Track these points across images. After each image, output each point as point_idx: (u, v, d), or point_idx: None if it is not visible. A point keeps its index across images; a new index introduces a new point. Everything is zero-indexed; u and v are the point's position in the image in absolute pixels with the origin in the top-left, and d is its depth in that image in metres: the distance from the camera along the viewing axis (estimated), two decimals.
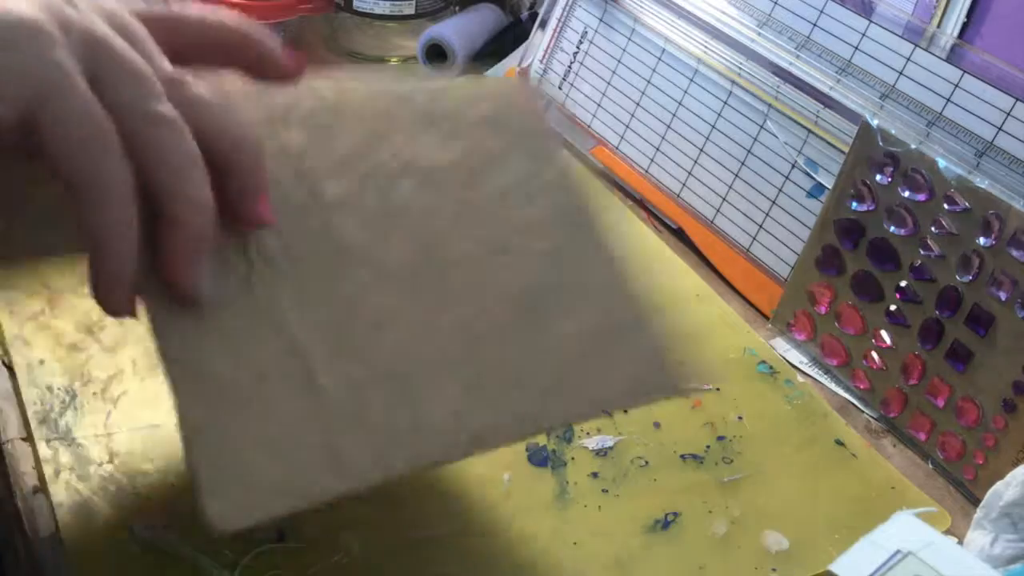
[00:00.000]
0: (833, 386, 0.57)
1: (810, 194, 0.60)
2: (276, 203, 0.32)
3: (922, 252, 0.52)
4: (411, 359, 0.32)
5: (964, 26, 0.56)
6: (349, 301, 0.33)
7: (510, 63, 0.81)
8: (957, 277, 0.50)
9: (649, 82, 0.70)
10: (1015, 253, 0.48)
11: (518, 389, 0.33)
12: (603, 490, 0.47)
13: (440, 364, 0.33)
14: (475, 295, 0.34)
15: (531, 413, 0.33)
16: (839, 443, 0.52)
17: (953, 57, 0.54)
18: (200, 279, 0.30)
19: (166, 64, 0.30)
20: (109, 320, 0.52)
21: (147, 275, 0.30)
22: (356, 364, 0.32)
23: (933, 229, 0.51)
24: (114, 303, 0.30)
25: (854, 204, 0.55)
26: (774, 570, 0.44)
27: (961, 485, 0.51)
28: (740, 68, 0.63)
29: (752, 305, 0.62)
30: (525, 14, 0.83)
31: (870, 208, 0.54)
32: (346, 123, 0.35)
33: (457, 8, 0.85)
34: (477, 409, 0.32)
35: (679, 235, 0.67)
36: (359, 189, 0.34)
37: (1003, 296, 0.48)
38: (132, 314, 0.31)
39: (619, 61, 0.72)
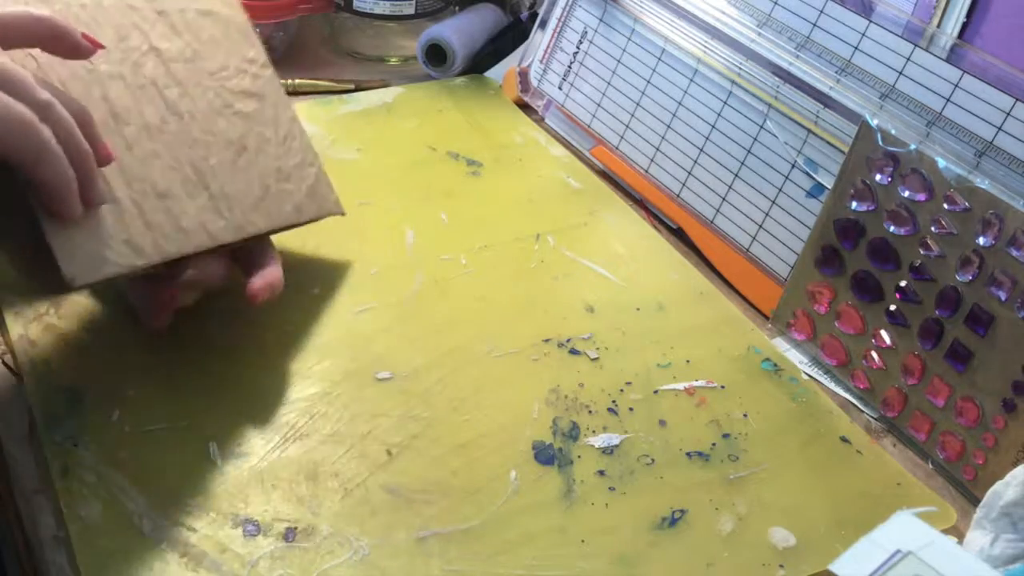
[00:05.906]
0: (833, 386, 0.57)
1: (810, 194, 0.60)
2: (70, 78, 0.47)
3: (922, 252, 0.52)
4: (171, 183, 0.48)
5: (964, 26, 0.56)
6: (127, 144, 0.48)
7: (510, 63, 0.81)
8: (957, 277, 0.51)
9: (649, 82, 0.70)
10: (1015, 253, 0.48)
11: (238, 206, 0.50)
12: (610, 488, 0.47)
13: (189, 187, 0.49)
14: (207, 141, 0.50)
15: (246, 221, 0.50)
16: (844, 440, 0.52)
17: (953, 57, 0.54)
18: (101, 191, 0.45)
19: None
20: (115, 321, 0.52)
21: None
22: (136, 186, 0.47)
23: (933, 229, 0.52)
24: (70, 208, 0.43)
25: (854, 204, 0.55)
26: (782, 566, 0.45)
27: (961, 485, 0.51)
28: (740, 68, 0.63)
29: (752, 305, 0.62)
30: (525, 14, 0.83)
31: (870, 208, 0.54)
32: (104, 21, 0.50)
33: (457, 8, 0.85)
34: (212, 219, 0.49)
35: (679, 235, 0.68)
36: (120, 66, 0.49)
37: (1003, 296, 0.49)
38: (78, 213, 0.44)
39: (619, 61, 0.72)
